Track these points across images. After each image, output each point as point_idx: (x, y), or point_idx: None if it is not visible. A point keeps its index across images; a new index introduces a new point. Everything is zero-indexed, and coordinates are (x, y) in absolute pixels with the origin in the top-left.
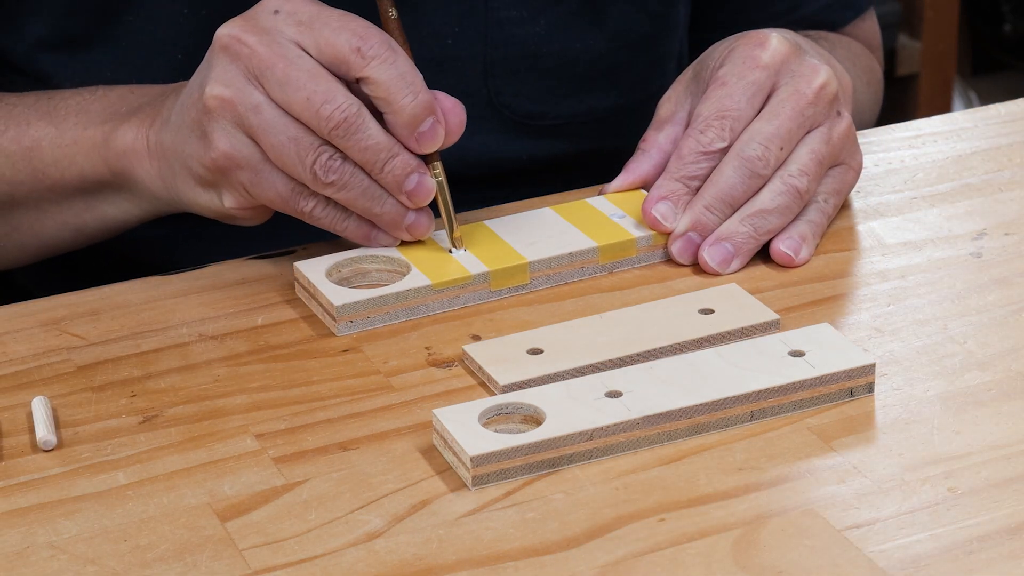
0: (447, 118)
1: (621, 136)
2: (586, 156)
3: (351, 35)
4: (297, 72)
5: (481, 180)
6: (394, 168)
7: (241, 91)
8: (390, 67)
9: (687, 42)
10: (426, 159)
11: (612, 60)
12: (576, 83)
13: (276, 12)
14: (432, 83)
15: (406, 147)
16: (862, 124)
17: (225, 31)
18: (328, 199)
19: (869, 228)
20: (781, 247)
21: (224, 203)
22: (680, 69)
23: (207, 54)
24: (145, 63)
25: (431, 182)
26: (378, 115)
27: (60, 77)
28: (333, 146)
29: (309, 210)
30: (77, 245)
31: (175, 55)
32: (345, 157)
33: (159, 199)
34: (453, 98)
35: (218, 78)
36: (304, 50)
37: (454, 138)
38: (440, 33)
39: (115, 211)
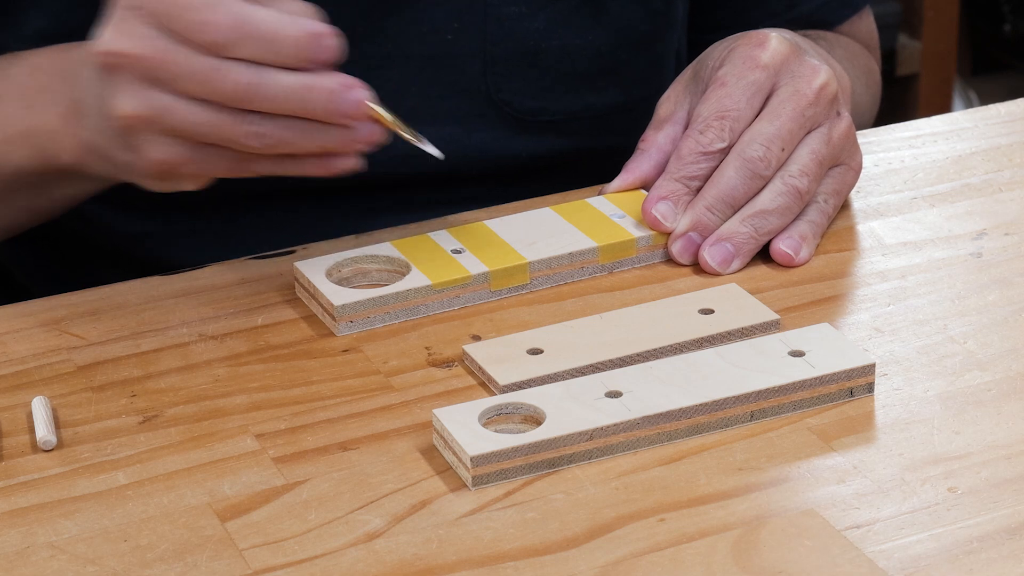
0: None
1: (621, 134)
2: (586, 153)
3: (200, 26)
4: (181, 59)
5: (481, 177)
6: (315, 102)
7: (145, 101)
8: (245, 45)
9: (685, 41)
10: None
11: (612, 57)
12: (576, 80)
13: (139, 8)
14: (432, 79)
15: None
16: (861, 124)
17: (97, 48)
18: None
19: (869, 228)
20: (781, 246)
21: (183, 188)
22: (679, 68)
23: (94, 71)
24: None
25: (361, 93)
26: None
27: None
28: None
29: (262, 170)
30: (40, 221)
31: None
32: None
33: (110, 181)
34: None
35: (119, 97)
36: (176, 38)
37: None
38: (440, 29)
39: (67, 191)
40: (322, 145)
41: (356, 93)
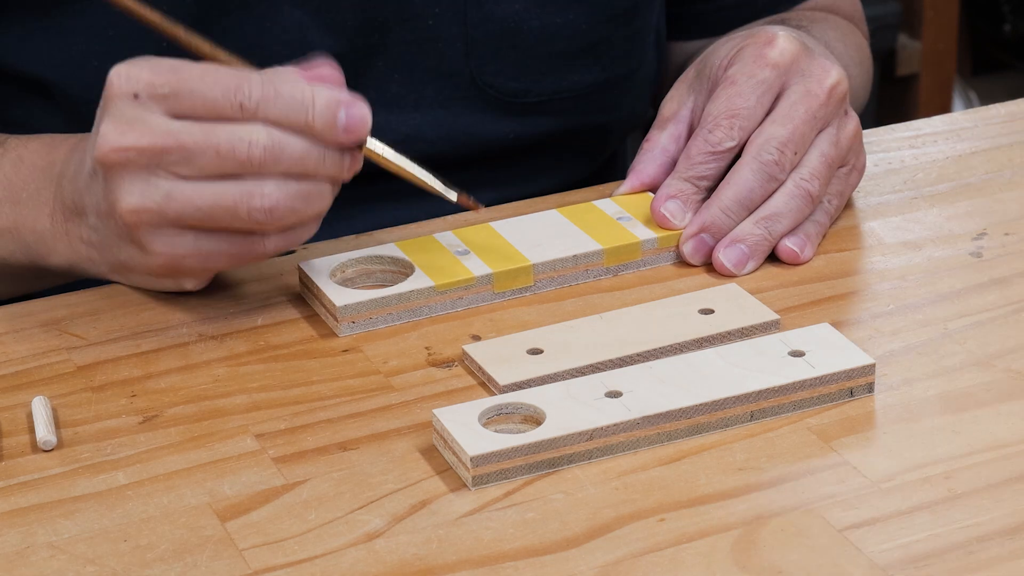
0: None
1: (605, 111)
2: (570, 133)
3: (224, 91)
4: (192, 140)
5: (467, 160)
6: (329, 163)
7: (146, 194)
8: (277, 103)
9: (664, 17)
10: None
11: (593, 34)
12: (557, 59)
13: (136, 97)
14: (414, 65)
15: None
16: (857, 104)
17: (100, 148)
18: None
19: (869, 228)
20: (788, 244)
21: (187, 287)
22: (659, 44)
23: (96, 168)
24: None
25: (363, 109)
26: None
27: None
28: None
29: (270, 249)
30: (35, 289)
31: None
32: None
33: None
34: (327, 65)
35: (122, 194)
36: (184, 117)
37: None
38: (420, 15)
39: (59, 275)
40: (323, 208)
41: (360, 110)
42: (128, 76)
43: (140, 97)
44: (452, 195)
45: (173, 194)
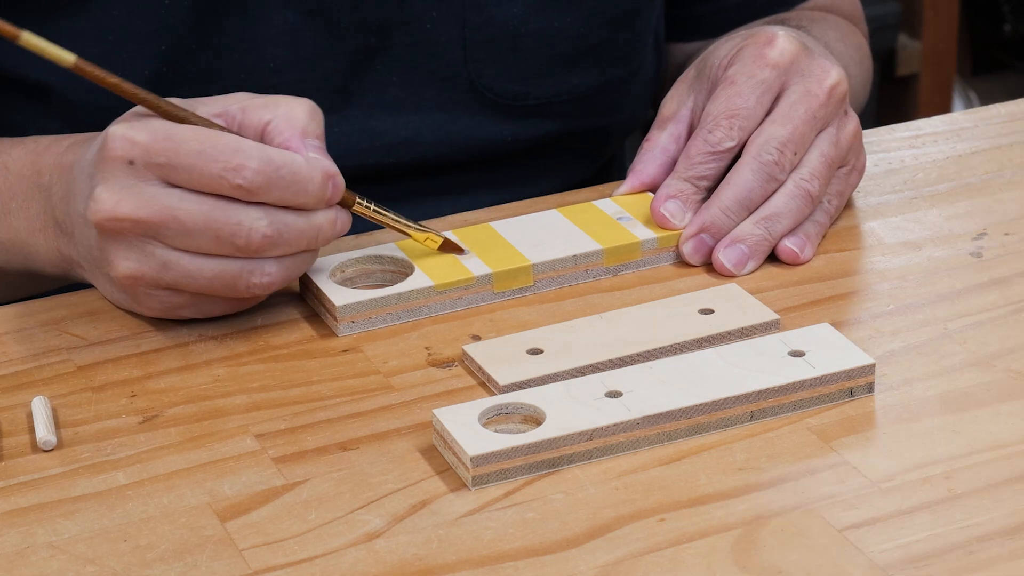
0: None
1: (604, 114)
2: (570, 135)
3: (222, 169)
4: (190, 219)
5: (468, 164)
6: (323, 237)
7: (143, 261)
8: (277, 185)
9: (663, 18)
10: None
11: (592, 37)
12: (557, 62)
13: (131, 163)
14: (414, 68)
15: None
16: (857, 104)
17: (95, 214)
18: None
19: (869, 228)
20: (788, 244)
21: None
22: (658, 45)
23: (96, 234)
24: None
25: (341, 181)
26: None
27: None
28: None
29: (261, 299)
30: (34, 292)
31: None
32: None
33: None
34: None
35: (117, 259)
36: (181, 187)
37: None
38: (419, 18)
39: (58, 280)
40: (307, 267)
41: (340, 181)
42: (124, 139)
43: (135, 164)
44: (437, 241)
45: (170, 264)
